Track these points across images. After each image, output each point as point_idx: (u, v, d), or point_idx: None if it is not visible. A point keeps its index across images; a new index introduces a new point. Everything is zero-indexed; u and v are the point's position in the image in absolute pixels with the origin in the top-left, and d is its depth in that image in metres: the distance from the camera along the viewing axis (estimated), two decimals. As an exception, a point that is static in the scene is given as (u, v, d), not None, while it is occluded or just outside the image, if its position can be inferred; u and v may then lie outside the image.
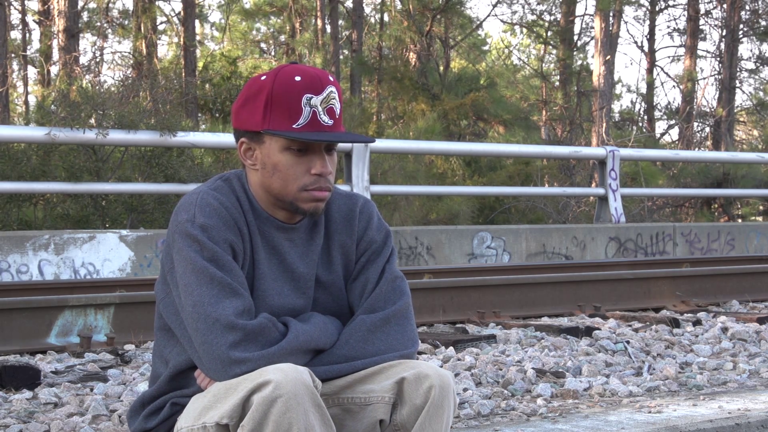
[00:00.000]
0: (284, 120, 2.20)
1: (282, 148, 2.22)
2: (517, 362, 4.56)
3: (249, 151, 2.27)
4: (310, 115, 2.20)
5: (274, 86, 2.21)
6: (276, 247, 2.28)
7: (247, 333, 2.13)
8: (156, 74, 17.34)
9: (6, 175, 10.41)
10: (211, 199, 2.22)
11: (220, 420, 2.09)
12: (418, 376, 2.19)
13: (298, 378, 2.06)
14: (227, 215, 2.22)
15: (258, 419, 2.04)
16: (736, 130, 29.81)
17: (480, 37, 33.07)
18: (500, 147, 14.54)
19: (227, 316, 2.13)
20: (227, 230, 2.20)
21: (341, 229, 2.36)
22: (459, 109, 17.93)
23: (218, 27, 30.68)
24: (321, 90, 2.21)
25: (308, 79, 2.21)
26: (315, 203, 2.24)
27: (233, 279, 2.17)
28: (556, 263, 9.53)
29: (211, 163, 12.66)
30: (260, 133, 2.23)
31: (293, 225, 2.30)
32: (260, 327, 2.15)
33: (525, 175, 16.96)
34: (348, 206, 2.37)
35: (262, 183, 2.26)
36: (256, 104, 2.22)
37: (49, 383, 4.06)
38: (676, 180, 18.85)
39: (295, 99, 2.20)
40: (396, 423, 2.21)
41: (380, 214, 2.42)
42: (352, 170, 10.32)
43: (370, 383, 2.22)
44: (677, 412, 3.49)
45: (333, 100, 2.23)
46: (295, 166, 2.22)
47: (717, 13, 29.52)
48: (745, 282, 7.56)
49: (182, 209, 2.23)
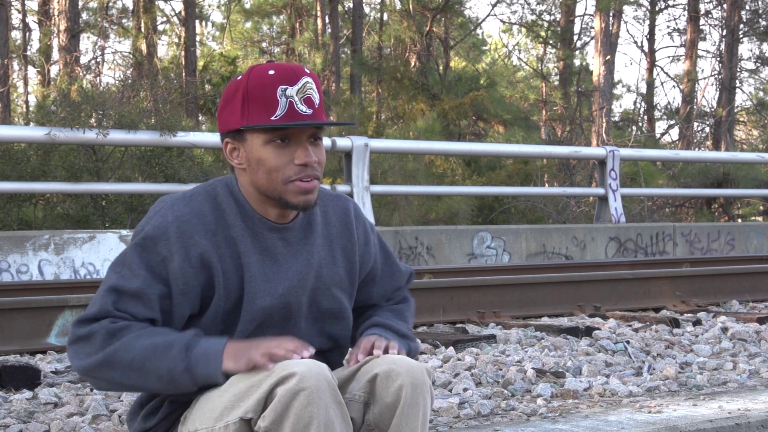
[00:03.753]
0: (262, 114, 2.21)
1: (264, 142, 2.23)
2: (517, 362, 4.56)
3: (234, 151, 2.28)
4: (287, 106, 2.21)
5: (249, 82, 2.23)
6: (269, 248, 2.28)
7: (76, 338, 2.19)
8: (156, 74, 17.34)
9: (6, 175, 10.41)
10: (170, 213, 2.24)
11: (245, 415, 2.09)
12: (389, 373, 2.20)
13: (321, 373, 2.08)
14: (186, 228, 2.22)
15: (279, 411, 2.06)
16: (736, 130, 29.82)
17: (480, 37, 33.08)
18: (500, 147, 14.53)
19: (79, 316, 2.21)
20: (177, 243, 2.21)
21: (341, 233, 2.39)
22: (459, 108, 17.93)
23: (218, 27, 30.69)
24: (296, 81, 2.22)
25: (282, 72, 2.23)
26: (304, 196, 2.24)
27: (128, 287, 2.19)
28: (556, 263, 9.53)
29: (211, 163, 12.66)
30: (241, 131, 2.25)
31: (286, 224, 2.31)
32: (88, 333, 2.18)
33: (525, 174, 16.96)
34: (342, 210, 2.41)
35: (250, 181, 2.27)
36: (235, 103, 2.24)
37: (49, 383, 4.06)
38: (676, 180, 18.84)
39: (269, 91, 2.21)
40: (369, 422, 2.22)
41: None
42: (352, 170, 10.32)
43: (355, 382, 2.26)
44: (677, 412, 3.49)
45: (310, 90, 2.23)
46: (278, 158, 2.23)
47: (717, 13, 29.56)
48: (745, 282, 7.56)
49: (147, 215, 2.28)
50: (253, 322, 2.26)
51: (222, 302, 2.25)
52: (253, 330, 2.28)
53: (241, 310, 2.26)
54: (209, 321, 2.25)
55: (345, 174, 10.47)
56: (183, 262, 2.21)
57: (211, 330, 2.25)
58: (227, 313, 2.26)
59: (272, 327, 2.29)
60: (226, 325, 2.26)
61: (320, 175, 2.27)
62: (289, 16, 25.54)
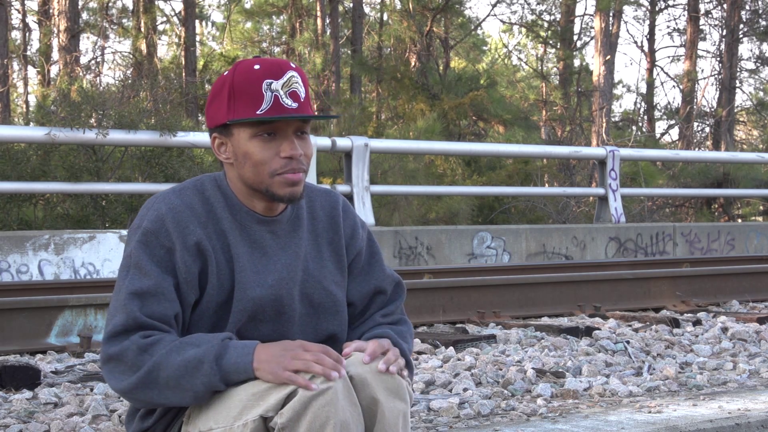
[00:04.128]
0: (247, 108, 2.23)
1: (250, 136, 2.25)
2: (517, 362, 4.56)
3: (222, 146, 2.30)
4: (272, 100, 2.23)
5: (234, 77, 2.26)
6: (257, 241, 2.30)
7: (108, 357, 2.18)
8: (156, 74, 17.34)
9: (6, 175, 10.41)
10: (163, 205, 2.26)
11: (265, 413, 2.10)
12: (362, 382, 2.17)
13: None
14: (180, 218, 2.25)
15: (298, 409, 2.06)
16: (736, 130, 29.82)
17: (480, 37, 33.08)
18: (500, 147, 14.53)
19: (107, 331, 2.19)
20: (175, 232, 2.23)
21: (328, 227, 2.41)
22: (459, 108, 17.93)
23: (218, 27, 30.69)
24: (281, 75, 2.24)
25: (267, 67, 2.25)
26: (290, 188, 2.26)
27: (145, 287, 2.19)
28: (556, 263, 9.53)
29: (211, 163, 12.65)
30: (228, 125, 2.27)
31: (274, 217, 2.33)
32: (120, 352, 2.17)
33: (525, 174, 16.96)
34: (330, 204, 2.43)
35: (238, 175, 2.29)
36: (221, 98, 2.27)
37: (49, 383, 4.06)
38: (676, 180, 18.84)
39: (255, 86, 2.23)
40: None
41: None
42: (352, 170, 10.32)
43: None
44: (677, 412, 3.49)
45: (296, 84, 2.26)
46: (264, 151, 2.25)
47: (717, 13, 29.55)
48: (745, 282, 7.56)
49: (140, 213, 2.29)
50: (244, 313, 2.27)
51: (215, 293, 2.26)
52: (246, 324, 2.28)
53: (231, 302, 2.27)
54: (201, 312, 2.26)
55: (345, 174, 10.47)
56: (182, 251, 2.23)
57: (202, 321, 2.26)
58: (219, 305, 2.27)
59: (266, 322, 2.29)
60: (218, 317, 2.27)
61: (306, 169, 2.29)
62: (289, 16, 25.54)
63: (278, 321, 2.31)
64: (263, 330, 2.29)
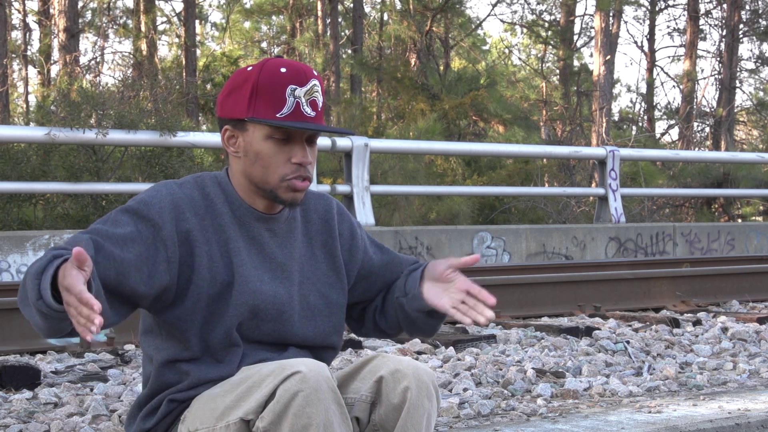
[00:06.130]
0: (268, 109, 2.25)
1: (265, 136, 2.26)
2: (517, 362, 4.56)
3: (232, 139, 2.31)
4: (293, 106, 2.25)
5: (260, 76, 2.26)
6: (255, 237, 2.32)
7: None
8: (156, 74, 17.34)
9: (6, 175, 10.41)
10: (164, 189, 2.26)
11: (245, 416, 2.10)
12: (395, 374, 2.22)
13: (320, 373, 2.09)
14: (179, 204, 2.25)
15: (278, 411, 2.06)
16: (736, 130, 29.81)
17: (480, 36, 33.08)
18: (500, 147, 14.53)
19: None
20: (170, 213, 2.22)
21: (322, 230, 2.42)
22: (459, 108, 17.92)
23: (218, 27, 30.69)
24: (305, 82, 2.27)
25: (293, 71, 2.27)
26: (294, 193, 2.29)
27: (107, 236, 2.13)
28: (556, 263, 9.53)
29: (211, 163, 12.66)
30: (244, 121, 2.28)
31: (273, 215, 2.34)
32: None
33: (525, 174, 16.95)
34: (324, 207, 2.45)
35: (243, 171, 2.30)
36: (242, 93, 2.27)
37: (49, 383, 4.06)
38: (676, 180, 18.83)
39: (279, 89, 2.25)
40: (375, 422, 2.24)
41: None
42: (352, 170, 10.32)
43: (358, 381, 2.26)
44: (677, 412, 3.49)
45: (316, 93, 2.28)
46: (277, 155, 2.26)
47: (717, 13, 29.55)
48: (745, 282, 7.56)
49: (136, 196, 2.28)
50: (246, 306, 2.27)
51: (206, 286, 2.25)
52: (247, 322, 2.28)
53: (230, 296, 2.26)
54: (192, 305, 2.25)
55: (345, 174, 10.47)
56: (172, 232, 2.22)
57: (195, 315, 2.25)
58: (213, 299, 2.26)
59: (267, 321, 2.30)
60: (211, 311, 2.26)
61: (312, 177, 2.32)
62: (289, 16, 25.55)
63: (279, 320, 2.32)
64: (264, 329, 2.30)
